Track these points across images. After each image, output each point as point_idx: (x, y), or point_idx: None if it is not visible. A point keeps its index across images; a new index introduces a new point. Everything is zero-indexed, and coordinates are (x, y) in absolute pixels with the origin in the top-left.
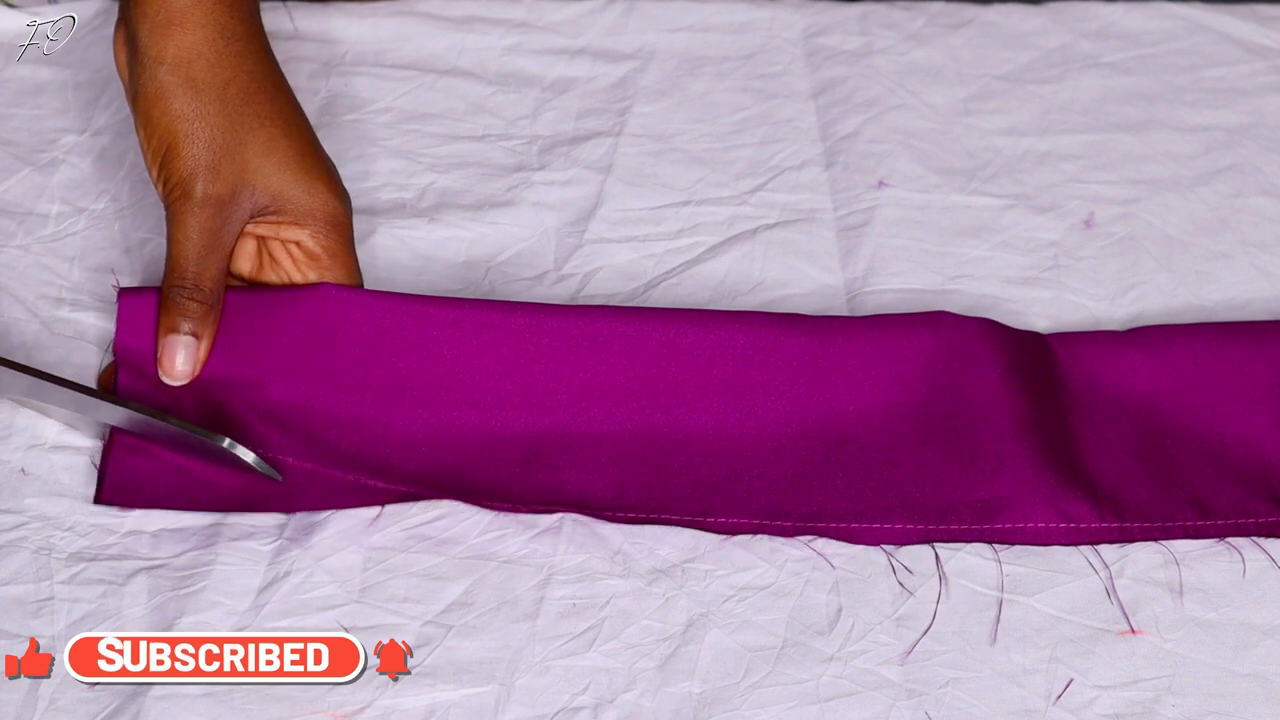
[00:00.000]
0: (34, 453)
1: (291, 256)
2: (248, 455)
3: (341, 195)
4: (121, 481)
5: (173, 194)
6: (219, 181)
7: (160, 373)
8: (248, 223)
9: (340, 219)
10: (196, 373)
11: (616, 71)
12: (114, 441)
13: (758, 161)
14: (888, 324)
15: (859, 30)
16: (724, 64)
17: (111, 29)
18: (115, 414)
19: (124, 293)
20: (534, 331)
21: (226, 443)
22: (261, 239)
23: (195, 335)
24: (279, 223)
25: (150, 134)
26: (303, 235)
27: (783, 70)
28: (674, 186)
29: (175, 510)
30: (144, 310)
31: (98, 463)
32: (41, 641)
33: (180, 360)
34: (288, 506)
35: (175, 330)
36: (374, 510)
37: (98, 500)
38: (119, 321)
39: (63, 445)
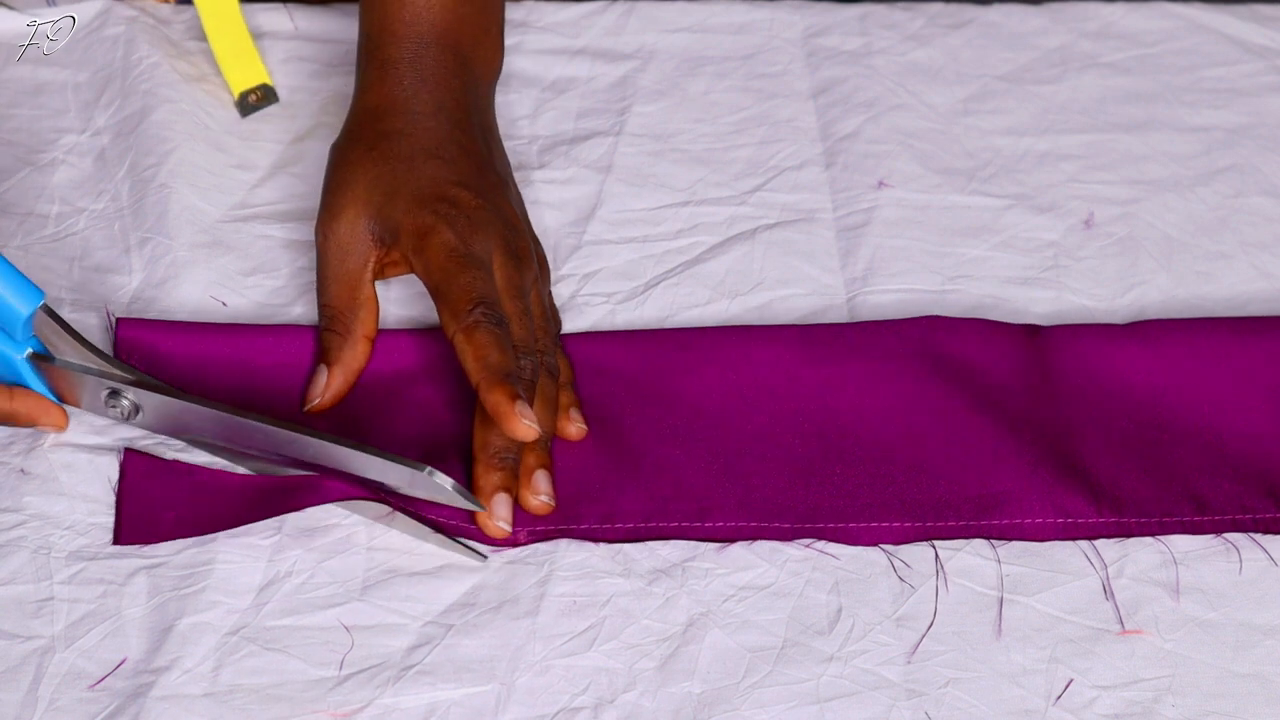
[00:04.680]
0: (33, 452)
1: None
2: (446, 482)
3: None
4: (138, 518)
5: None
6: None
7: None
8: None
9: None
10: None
11: (616, 71)
12: (125, 473)
13: (757, 161)
14: (883, 327)
15: (859, 30)
16: (724, 64)
17: (110, 30)
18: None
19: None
20: None
21: (427, 471)
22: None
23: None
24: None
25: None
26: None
27: (782, 70)
28: (674, 186)
29: (193, 537)
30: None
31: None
32: (41, 641)
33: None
34: (298, 506)
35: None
36: (379, 509)
37: (116, 541)
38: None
39: (62, 444)
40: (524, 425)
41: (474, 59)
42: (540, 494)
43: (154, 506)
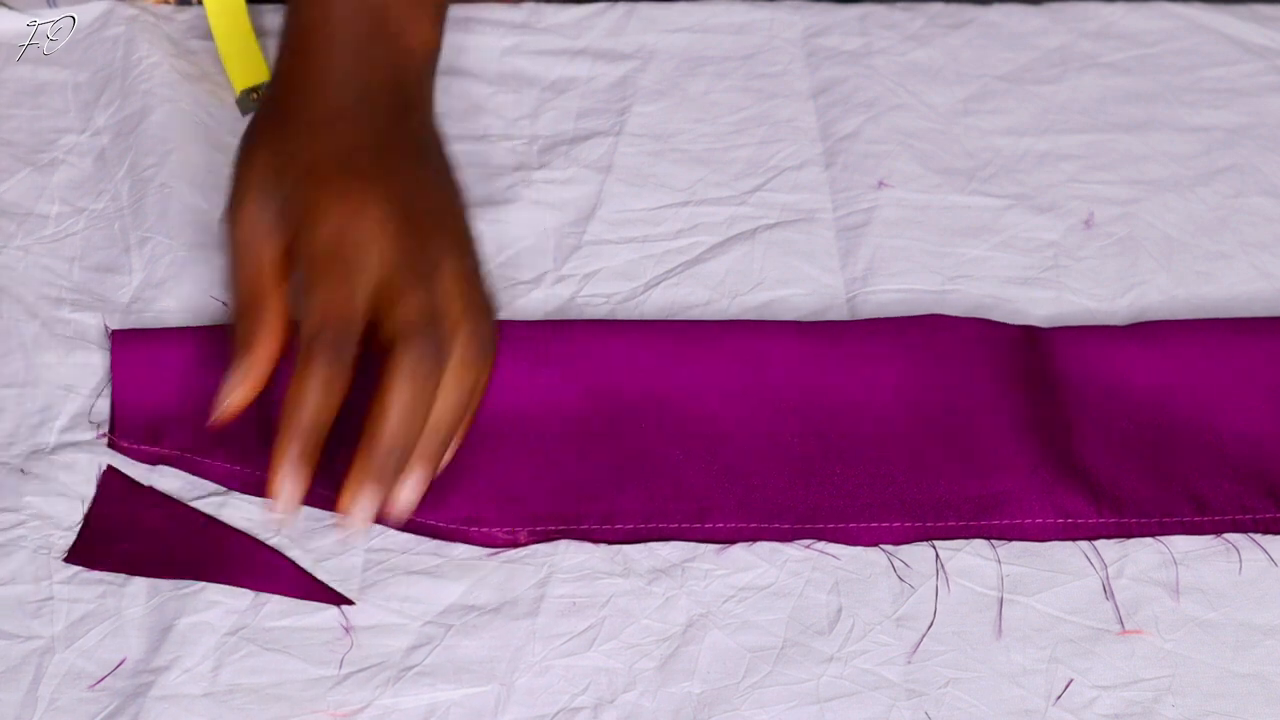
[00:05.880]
0: (34, 452)
1: None
2: None
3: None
4: (91, 542)
5: None
6: None
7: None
8: None
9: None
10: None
11: (616, 71)
12: (99, 493)
13: (757, 161)
14: (882, 325)
15: (859, 31)
16: (724, 64)
17: (111, 30)
18: None
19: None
20: (531, 342)
21: None
22: None
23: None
24: None
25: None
26: None
27: (782, 70)
28: (674, 186)
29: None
30: (142, 357)
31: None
32: (41, 641)
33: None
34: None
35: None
36: None
37: (67, 559)
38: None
39: (62, 444)
40: (276, 508)
41: (403, 32)
42: (401, 501)
43: (111, 536)
